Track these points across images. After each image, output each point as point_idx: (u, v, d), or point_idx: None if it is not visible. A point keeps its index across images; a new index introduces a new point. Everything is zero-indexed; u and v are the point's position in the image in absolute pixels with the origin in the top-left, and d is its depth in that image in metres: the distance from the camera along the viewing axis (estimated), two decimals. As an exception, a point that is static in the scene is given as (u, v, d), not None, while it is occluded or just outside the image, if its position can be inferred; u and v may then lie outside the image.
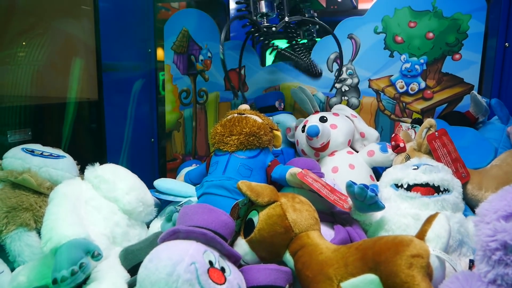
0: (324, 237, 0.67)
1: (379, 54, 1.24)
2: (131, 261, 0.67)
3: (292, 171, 0.81)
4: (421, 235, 0.57)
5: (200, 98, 1.40)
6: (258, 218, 0.66)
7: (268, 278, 0.59)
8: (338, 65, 1.30)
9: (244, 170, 0.87)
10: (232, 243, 0.69)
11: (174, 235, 0.56)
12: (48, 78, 1.10)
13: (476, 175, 0.89)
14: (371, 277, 0.54)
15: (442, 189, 0.76)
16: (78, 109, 1.10)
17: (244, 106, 1.03)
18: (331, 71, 1.32)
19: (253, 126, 0.90)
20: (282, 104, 1.36)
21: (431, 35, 1.19)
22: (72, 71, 1.10)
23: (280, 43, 1.49)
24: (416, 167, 0.80)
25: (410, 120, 1.24)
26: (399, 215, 0.74)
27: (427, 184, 0.76)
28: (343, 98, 1.32)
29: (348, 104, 1.31)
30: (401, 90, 1.25)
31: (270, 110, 1.33)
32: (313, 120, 1.10)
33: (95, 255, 0.60)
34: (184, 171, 1.09)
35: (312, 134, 1.02)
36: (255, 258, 0.67)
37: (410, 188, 0.77)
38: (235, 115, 0.96)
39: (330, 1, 1.50)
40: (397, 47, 1.23)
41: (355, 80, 1.29)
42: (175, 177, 1.17)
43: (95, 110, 1.13)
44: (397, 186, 0.79)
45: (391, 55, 1.24)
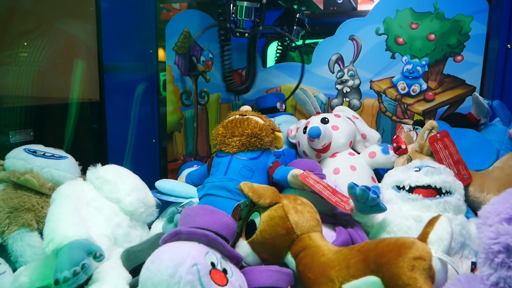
0: (326, 238, 0.66)
1: (381, 55, 1.24)
2: (133, 262, 0.67)
3: (294, 172, 0.81)
4: (423, 237, 0.57)
5: (202, 99, 1.40)
6: (260, 220, 0.66)
7: (270, 280, 0.59)
8: (340, 66, 1.31)
9: (245, 172, 0.87)
10: (234, 244, 0.69)
11: (176, 236, 0.56)
12: (49, 78, 1.10)
13: (478, 177, 0.88)
14: (373, 279, 0.54)
15: (444, 191, 0.76)
16: (80, 109, 1.10)
17: (245, 108, 1.03)
18: (333, 73, 1.32)
19: (254, 128, 0.91)
20: (284, 105, 1.36)
21: (432, 36, 1.19)
22: (74, 72, 1.10)
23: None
24: (418, 169, 0.80)
25: (411, 122, 1.24)
26: (401, 217, 0.74)
27: (429, 186, 0.76)
28: (344, 99, 1.32)
29: (349, 105, 1.31)
30: (402, 92, 1.25)
31: (272, 111, 1.33)
32: (314, 121, 1.10)
33: (97, 256, 0.60)
34: (186, 172, 1.09)
35: (314, 135, 1.02)
36: (256, 259, 0.67)
37: (412, 190, 0.77)
38: (237, 116, 0.96)
39: (329, 3, 1.50)
40: (398, 49, 1.23)
41: (357, 82, 1.29)
42: (176, 178, 1.17)
43: (96, 110, 1.13)
44: (399, 188, 0.79)
45: (393, 57, 1.24)
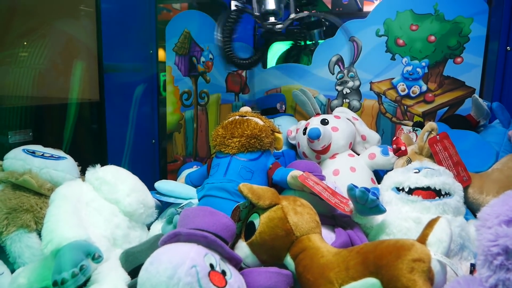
0: (325, 240, 0.66)
1: (381, 57, 1.24)
2: (132, 263, 0.66)
3: (293, 173, 0.81)
4: (422, 239, 0.57)
5: (202, 99, 1.40)
6: (259, 221, 0.66)
7: (269, 281, 0.59)
8: (340, 67, 1.31)
9: (245, 173, 0.87)
10: (233, 245, 0.69)
11: (175, 238, 0.56)
12: (49, 79, 1.10)
13: (478, 178, 0.88)
14: (372, 281, 0.54)
15: (443, 192, 0.76)
16: (80, 110, 1.10)
17: (245, 108, 1.03)
18: (333, 74, 1.32)
19: (254, 129, 0.90)
20: (284, 106, 1.36)
21: (432, 38, 1.19)
22: (74, 72, 1.10)
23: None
24: (417, 171, 0.80)
25: (411, 123, 1.24)
26: (400, 218, 0.74)
27: (428, 188, 0.76)
28: (344, 100, 1.32)
29: (349, 106, 1.31)
30: (402, 93, 1.25)
31: (272, 112, 1.33)
32: (314, 122, 1.10)
33: (96, 257, 0.60)
34: (185, 173, 1.09)
35: (314, 136, 1.02)
36: (256, 261, 0.67)
37: (411, 191, 0.77)
38: (237, 117, 0.96)
39: (335, 3, 1.50)
40: (398, 50, 1.23)
41: (357, 83, 1.29)
42: (176, 178, 1.17)
43: (96, 111, 1.13)
44: (398, 189, 0.79)
45: (393, 58, 1.24)
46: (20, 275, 0.66)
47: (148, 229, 0.85)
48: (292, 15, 1.09)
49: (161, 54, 1.29)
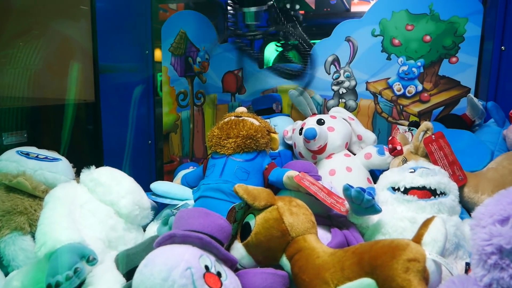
0: (321, 240, 0.66)
1: (377, 56, 1.25)
2: (127, 265, 0.66)
3: (289, 174, 0.81)
4: (417, 239, 0.57)
5: (198, 100, 1.40)
6: (255, 222, 0.66)
7: (265, 282, 0.59)
8: (336, 67, 1.31)
9: (241, 173, 0.87)
10: (229, 246, 0.69)
11: (170, 240, 0.55)
12: (44, 79, 1.10)
13: (473, 178, 0.89)
14: (367, 281, 0.54)
15: (438, 192, 0.76)
16: (75, 111, 1.09)
17: (241, 109, 1.03)
18: (329, 74, 1.32)
19: (250, 129, 0.90)
20: (280, 106, 1.36)
21: (428, 38, 1.19)
22: (69, 73, 1.09)
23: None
24: (413, 170, 0.80)
25: (407, 123, 1.25)
26: (396, 218, 0.74)
27: (423, 187, 0.76)
28: (340, 100, 1.32)
29: (345, 106, 1.31)
30: (398, 93, 1.25)
31: (268, 112, 1.33)
32: (310, 122, 1.10)
33: (90, 259, 0.60)
34: (181, 173, 1.08)
35: (309, 136, 1.02)
36: (251, 262, 0.66)
37: (407, 191, 0.77)
38: (232, 117, 0.96)
39: (322, 3, 1.49)
40: (394, 50, 1.23)
41: (353, 83, 1.29)
42: (172, 179, 1.17)
43: (91, 112, 1.12)
44: (394, 189, 0.79)
45: (389, 58, 1.24)
46: (14, 278, 0.65)
47: (144, 230, 0.85)
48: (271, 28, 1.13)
49: (157, 54, 1.28)
